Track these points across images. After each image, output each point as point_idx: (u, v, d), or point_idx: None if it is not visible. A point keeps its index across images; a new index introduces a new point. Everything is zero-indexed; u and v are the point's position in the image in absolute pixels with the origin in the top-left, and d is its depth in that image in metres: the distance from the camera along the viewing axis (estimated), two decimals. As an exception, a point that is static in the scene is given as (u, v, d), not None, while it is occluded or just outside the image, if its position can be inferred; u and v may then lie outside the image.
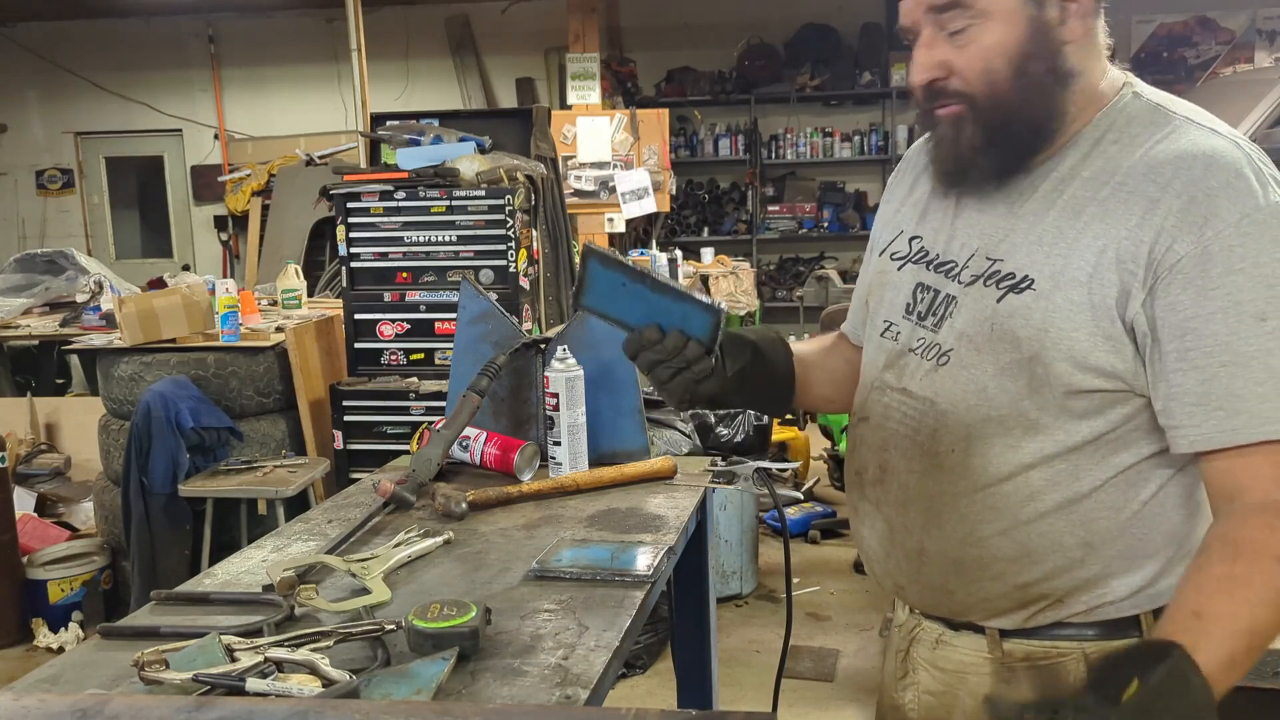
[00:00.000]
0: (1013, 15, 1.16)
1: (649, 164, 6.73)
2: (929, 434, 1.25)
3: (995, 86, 1.18)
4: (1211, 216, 1.10)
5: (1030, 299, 1.17)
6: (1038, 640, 1.25)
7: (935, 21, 1.18)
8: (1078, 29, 1.18)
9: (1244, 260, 1.08)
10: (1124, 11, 8.88)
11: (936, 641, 1.34)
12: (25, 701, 1.09)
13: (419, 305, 3.98)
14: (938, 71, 1.20)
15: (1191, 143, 1.15)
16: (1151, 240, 1.12)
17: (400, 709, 1.09)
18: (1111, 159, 1.18)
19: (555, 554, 1.62)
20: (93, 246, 9.98)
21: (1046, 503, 1.20)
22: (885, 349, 1.33)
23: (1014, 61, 1.17)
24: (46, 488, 5.15)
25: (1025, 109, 1.18)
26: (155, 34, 9.69)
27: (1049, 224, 1.19)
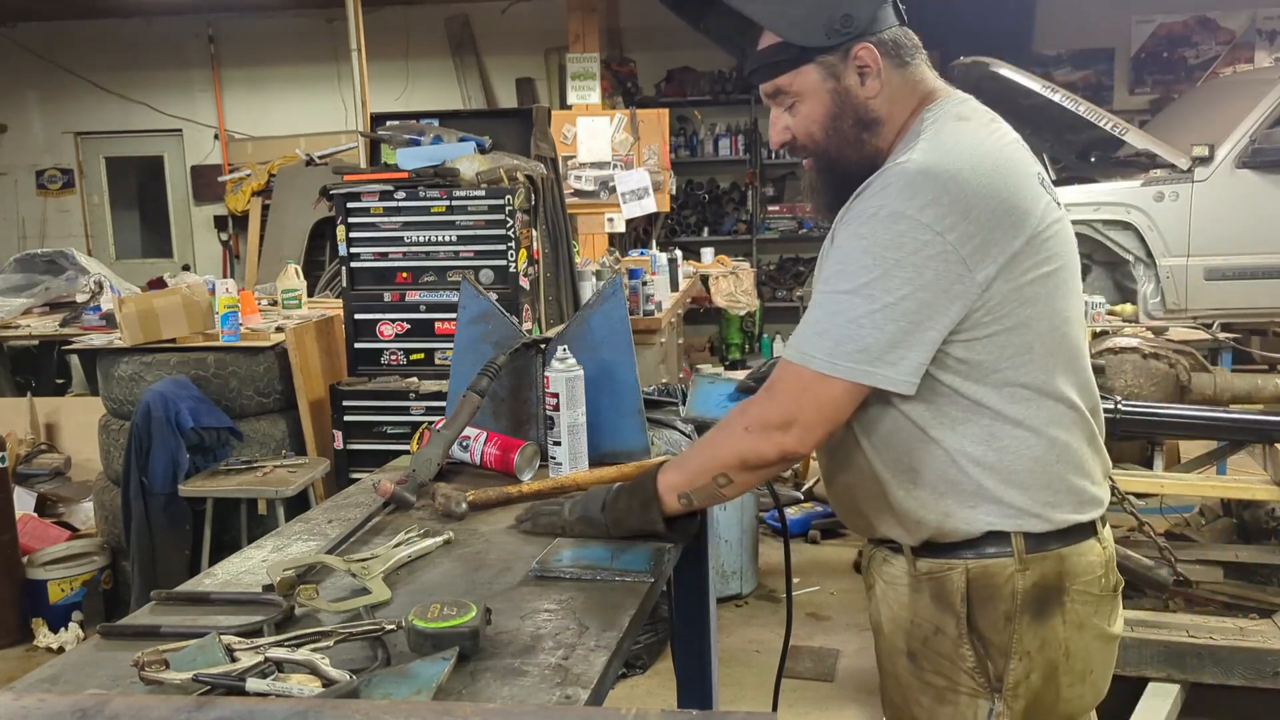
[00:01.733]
0: (817, 91, 1.51)
1: (649, 164, 6.73)
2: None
3: (818, 145, 1.55)
4: (851, 215, 1.46)
5: (814, 283, 1.55)
6: (934, 559, 1.54)
7: (774, 101, 1.56)
8: (876, 86, 1.50)
9: (844, 246, 1.45)
10: (1124, 11, 8.88)
11: (883, 560, 1.65)
12: (25, 701, 1.09)
13: (419, 305, 3.97)
14: (785, 136, 1.57)
15: (905, 156, 1.45)
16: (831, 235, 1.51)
17: (400, 709, 1.09)
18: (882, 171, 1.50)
19: (555, 554, 1.62)
20: (93, 246, 9.98)
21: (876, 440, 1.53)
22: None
23: (825, 124, 1.52)
24: (46, 488, 5.15)
25: (842, 157, 1.54)
26: (155, 34, 9.69)
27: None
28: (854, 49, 1.48)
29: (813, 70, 1.50)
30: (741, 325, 8.44)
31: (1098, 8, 8.80)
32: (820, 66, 1.49)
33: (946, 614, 1.52)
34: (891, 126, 1.52)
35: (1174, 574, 3.07)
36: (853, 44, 1.47)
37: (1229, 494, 3.45)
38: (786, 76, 1.51)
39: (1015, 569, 1.48)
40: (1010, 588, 1.48)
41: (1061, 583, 1.50)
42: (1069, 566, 1.51)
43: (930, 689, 1.55)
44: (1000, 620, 1.49)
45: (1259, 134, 6.29)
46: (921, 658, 1.55)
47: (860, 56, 1.48)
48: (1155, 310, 6.29)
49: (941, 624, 1.52)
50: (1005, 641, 1.49)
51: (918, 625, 1.56)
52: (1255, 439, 3.33)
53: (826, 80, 1.50)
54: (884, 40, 1.49)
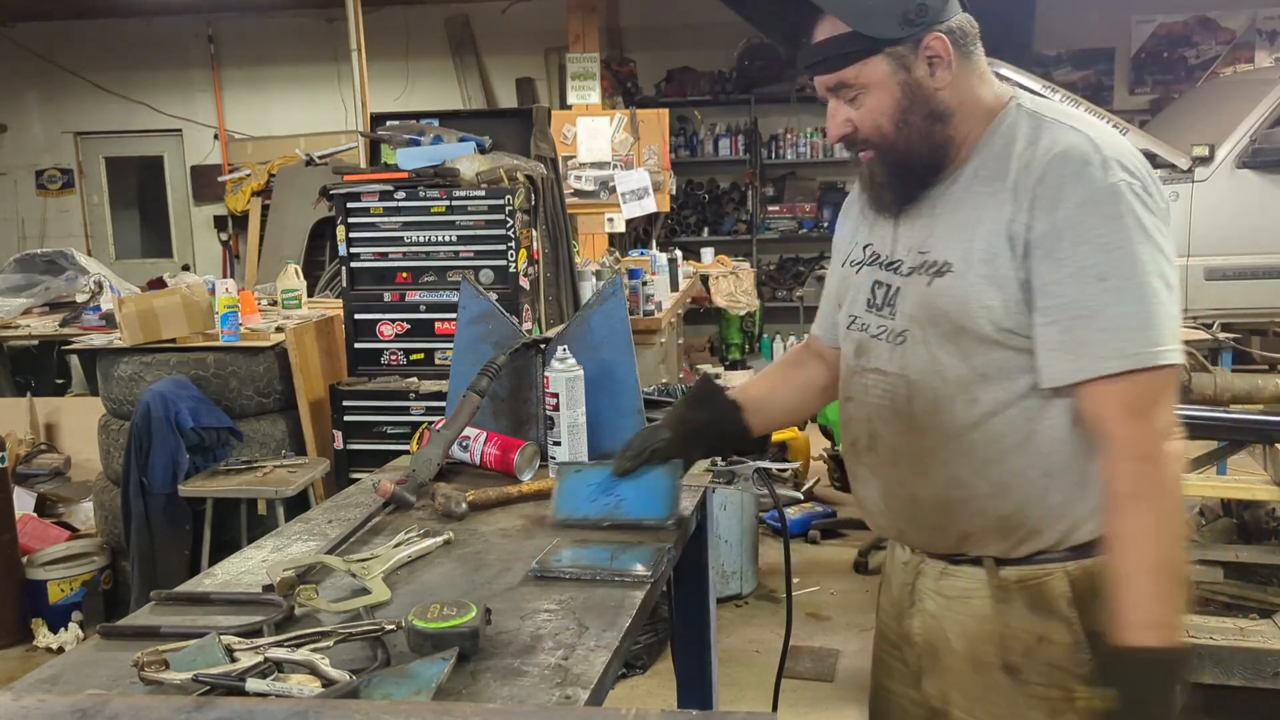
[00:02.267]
0: (886, 83, 1.44)
1: (649, 164, 6.73)
2: (904, 401, 1.50)
3: (886, 138, 1.47)
4: (1061, 201, 1.37)
5: (951, 279, 1.44)
6: (1026, 566, 1.47)
7: (834, 94, 1.48)
8: (946, 77, 1.45)
9: (1088, 233, 1.35)
10: (1124, 11, 8.87)
11: (940, 574, 1.56)
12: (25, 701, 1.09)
13: (419, 305, 3.97)
14: (845, 129, 1.49)
15: (1053, 139, 1.41)
16: (1025, 221, 1.39)
17: (400, 709, 1.09)
18: (1000, 159, 1.44)
19: (555, 554, 1.62)
20: (93, 246, 9.97)
21: (1008, 444, 1.44)
22: (854, 339, 1.59)
23: (894, 117, 1.45)
24: (46, 488, 5.15)
25: (911, 150, 1.47)
26: (155, 34, 9.69)
27: (960, 219, 1.46)
28: (925, 39, 1.42)
29: (881, 62, 1.43)
30: (741, 325, 8.44)
31: (1098, 8, 8.80)
32: (890, 58, 1.42)
33: (1053, 621, 1.45)
34: (963, 116, 1.46)
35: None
36: (924, 34, 1.42)
37: (1229, 494, 3.45)
38: (853, 69, 1.43)
39: None
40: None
41: None
42: None
43: (1043, 702, 1.47)
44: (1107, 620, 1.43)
45: (1259, 134, 6.28)
46: (1026, 671, 1.47)
47: (932, 47, 1.42)
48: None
49: (1047, 632, 1.46)
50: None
51: (1014, 637, 1.47)
52: (1255, 439, 3.32)
53: (897, 72, 1.43)
54: (952, 29, 1.44)
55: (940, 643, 1.55)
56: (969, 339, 1.42)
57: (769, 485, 2.12)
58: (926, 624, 1.57)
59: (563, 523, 1.77)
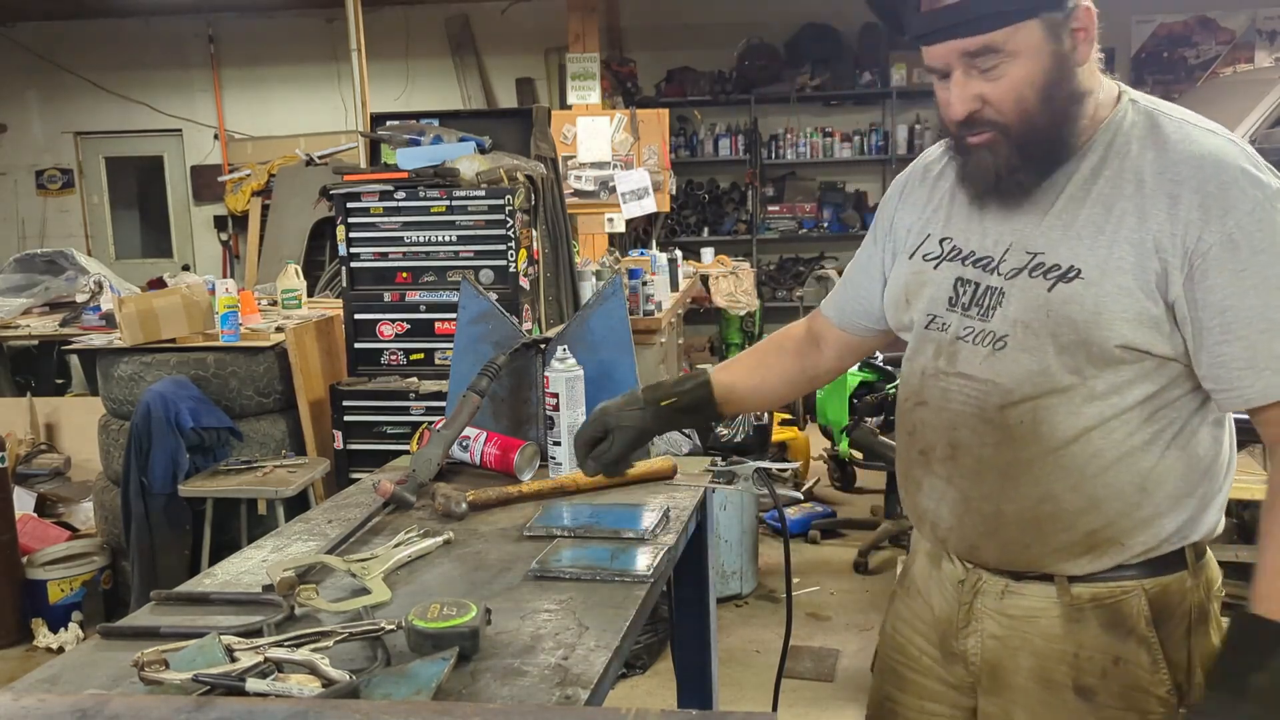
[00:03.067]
0: (1038, 51, 1.31)
1: (649, 164, 6.73)
2: (996, 410, 1.40)
3: (1027, 114, 1.33)
4: (1230, 208, 1.28)
5: (1080, 287, 1.34)
6: (1101, 582, 1.41)
7: (967, 63, 1.33)
8: (1085, 52, 1.35)
9: (1264, 241, 1.27)
10: (1124, 11, 8.87)
11: (1003, 592, 1.47)
12: (25, 701, 1.09)
13: (419, 305, 3.97)
14: (975, 104, 1.35)
15: (1197, 144, 1.33)
16: (1182, 233, 1.29)
17: (400, 709, 1.09)
18: (1129, 160, 1.35)
19: (555, 554, 1.62)
20: (93, 246, 9.97)
21: (1108, 458, 1.37)
22: (933, 339, 1.48)
23: (1041, 91, 1.32)
24: (46, 488, 5.15)
25: (1053, 130, 1.35)
26: (155, 34, 9.69)
27: (1083, 221, 1.36)
28: (1079, 8, 1.32)
29: (1037, 27, 1.30)
30: (741, 325, 8.43)
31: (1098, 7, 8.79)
32: (1045, 23, 1.30)
33: (1130, 642, 1.40)
34: (1092, 101, 1.37)
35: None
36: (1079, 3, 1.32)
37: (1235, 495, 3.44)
38: (1005, 31, 1.29)
39: (1191, 583, 1.41)
40: (1186, 603, 1.41)
41: (1211, 589, 1.45)
42: (1213, 573, 1.47)
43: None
44: (1180, 637, 1.41)
45: (1259, 134, 6.28)
46: (1101, 693, 1.41)
47: (1082, 18, 1.32)
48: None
49: (1125, 653, 1.40)
50: (1185, 658, 1.41)
51: (1089, 659, 1.41)
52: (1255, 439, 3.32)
53: (1049, 40, 1.31)
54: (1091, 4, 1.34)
55: (1004, 662, 1.48)
56: (1091, 351, 1.34)
57: (769, 485, 2.12)
58: (987, 644, 1.49)
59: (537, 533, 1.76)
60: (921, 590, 1.61)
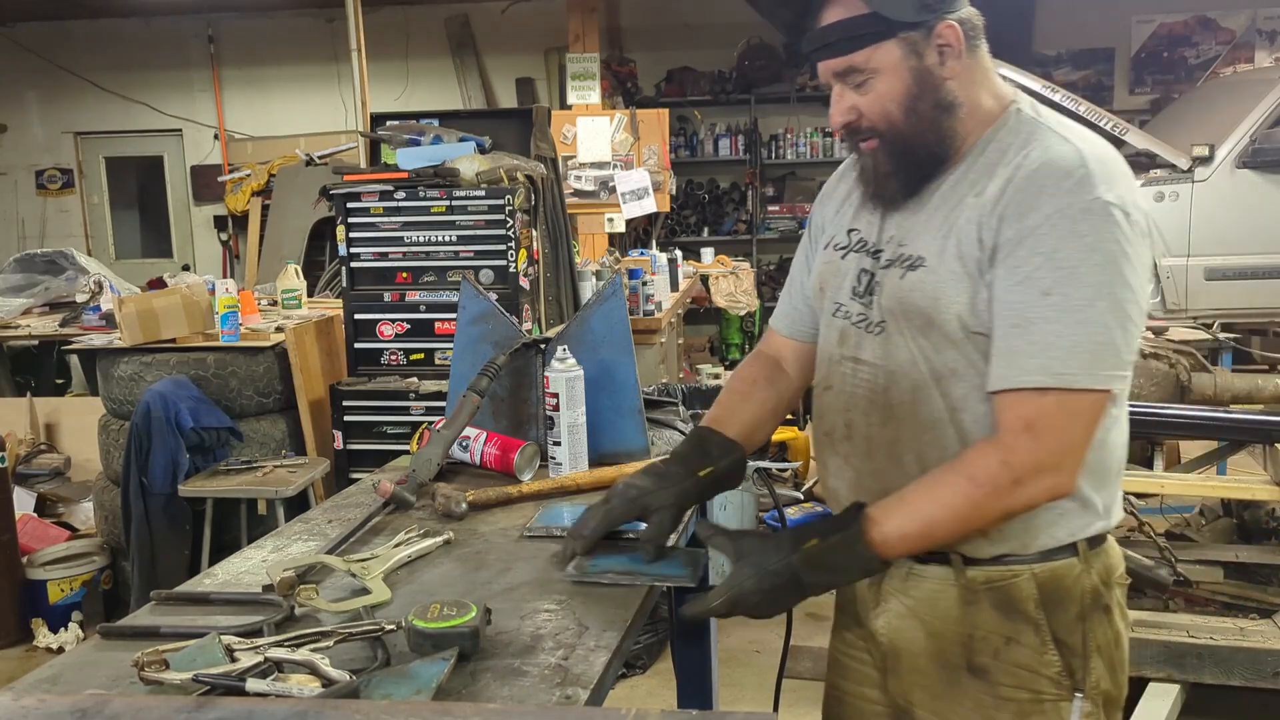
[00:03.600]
0: (898, 68, 1.42)
1: (649, 164, 6.73)
2: (882, 391, 1.50)
3: (893, 125, 1.44)
4: (1032, 210, 1.36)
5: (923, 274, 1.44)
6: (994, 567, 1.47)
7: (840, 80, 1.46)
8: (956, 67, 1.44)
9: (1045, 246, 1.34)
10: (1124, 11, 8.87)
11: (907, 574, 1.54)
12: (25, 701, 1.09)
13: (419, 305, 3.97)
14: (850, 116, 1.46)
15: (1044, 149, 1.40)
16: (995, 224, 1.39)
17: (400, 709, 1.09)
18: (989, 163, 1.44)
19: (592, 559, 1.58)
20: (93, 246, 9.98)
21: (974, 436, 1.43)
22: (838, 327, 1.58)
23: (904, 104, 1.43)
24: (46, 488, 5.15)
25: (919, 139, 1.45)
26: (155, 34, 9.69)
27: (939, 216, 1.46)
28: (939, 26, 1.41)
29: (894, 46, 1.41)
30: (741, 325, 8.44)
31: (1098, 8, 8.80)
32: (903, 43, 1.41)
33: (1020, 622, 1.46)
34: (969, 112, 1.45)
35: (1174, 574, 3.06)
36: (938, 21, 1.41)
37: (1229, 494, 3.45)
38: (864, 52, 1.41)
39: (1081, 569, 1.46)
40: (1079, 588, 1.46)
41: (1109, 577, 1.50)
42: (1112, 561, 1.51)
43: (1009, 704, 1.47)
44: (1073, 621, 1.46)
45: (1259, 134, 6.28)
46: (994, 672, 1.47)
47: (944, 35, 1.42)
48: (1155, 310, 6.29)
49: (1015, 633, 1.46)
50: (1079, 642, 1.46)
51: (982, 639, 1.48)
52: (1255, 439, 3.32)
53: (909, 57, 1.41)
54: (963, 19, 1.43)
55: (906, 643, 1.54)
56: (939, 335, 1.42)
57: (769, 485, 2.12)
58: (892, 624, 1.56)
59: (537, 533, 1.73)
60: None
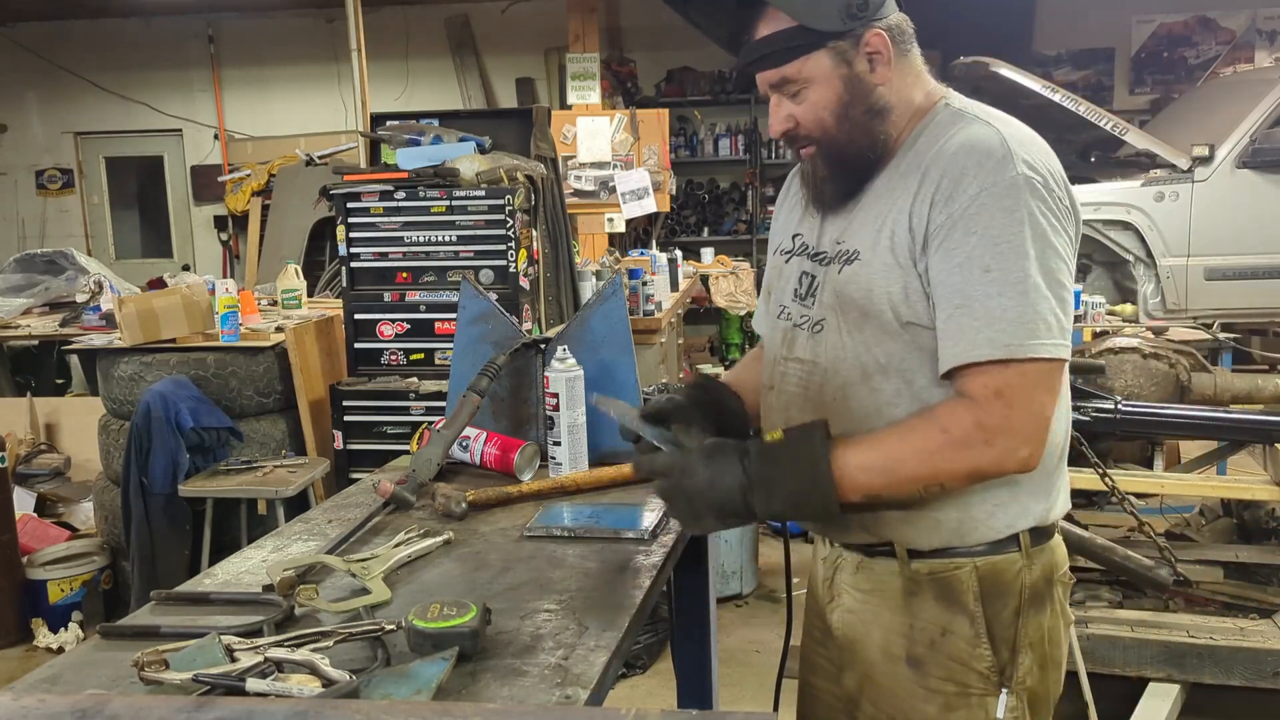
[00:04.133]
0: (829, 77, 1.46)
1: (649, 164, 6.72)
2: (816, 389, 1.53)
3: (827, 132, 1.48)
4: (959, 192, 1.39)
5: (858, 267, 1.48)
6: (937, 559, 1.49)
7: (776, 90, 1.49)
8: (886, 73, 1.47)
9: (977, 224, 1.37)
10: (1124, 11, 8.87)
11: (857, 567, 1.58)
12: (25, 701, 1.09)
13: (419, 305, 3.97)
14: (788, 124, 1.50)
15: (966, 133, 1.43)
16: (925, 211, 1.41)
17: (400, 709, 1.09)
18: (919, 154, 1.46)
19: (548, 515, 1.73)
20: (93, 246, 9.98)
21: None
22: (780, 328, 1.61)
23: (836, 111, 1.47)
24: (46, 488, 5.15)
25: (853, 145, 1.48)
26: (155, 34, 9.69)
27: (874, 211, 1.48)
28: (866, 35, 1.45)
29: (824, 56, 1.45)
30: (741, 325, 8.43)
31: (1098, 8, 8.80)
32: (832, 52, 1.44)
33: (957, 614, 1.48)
34: (901, 113, 1.49)
35: (1174, 574, 3.06)
36: (865, 30, 1.44)
37: (1229, 494, 3.45)
38: (795, 64, 1.45)
39: (1023, 564, 1.48)
40: (1019, 583, 1.48)
41: (1051, 574, 1.52)
42: (1056, 558, 1.54)
43: (938, 696, 1.49)
44: (1009, 616, 1.48)
45: (1259, 134, 6.28)
46: (928, 663, 1.49)
47: (872, 43, 1.45)
48: (1155, 310, 6.29)
49: (951, 625, 1.48)
50: (1012, 636, 1.48)
51: (920, 630, 1.50)
52: (1255, 439, 3.32)
53: (839, 66, 1.45)
54: (891, 26, 1.47)
55: (857, 636, 1.57)
56: (873, 327, 1.45)
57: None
58: (845, 619, 1.59)
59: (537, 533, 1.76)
60: (813, 573, 1.72)
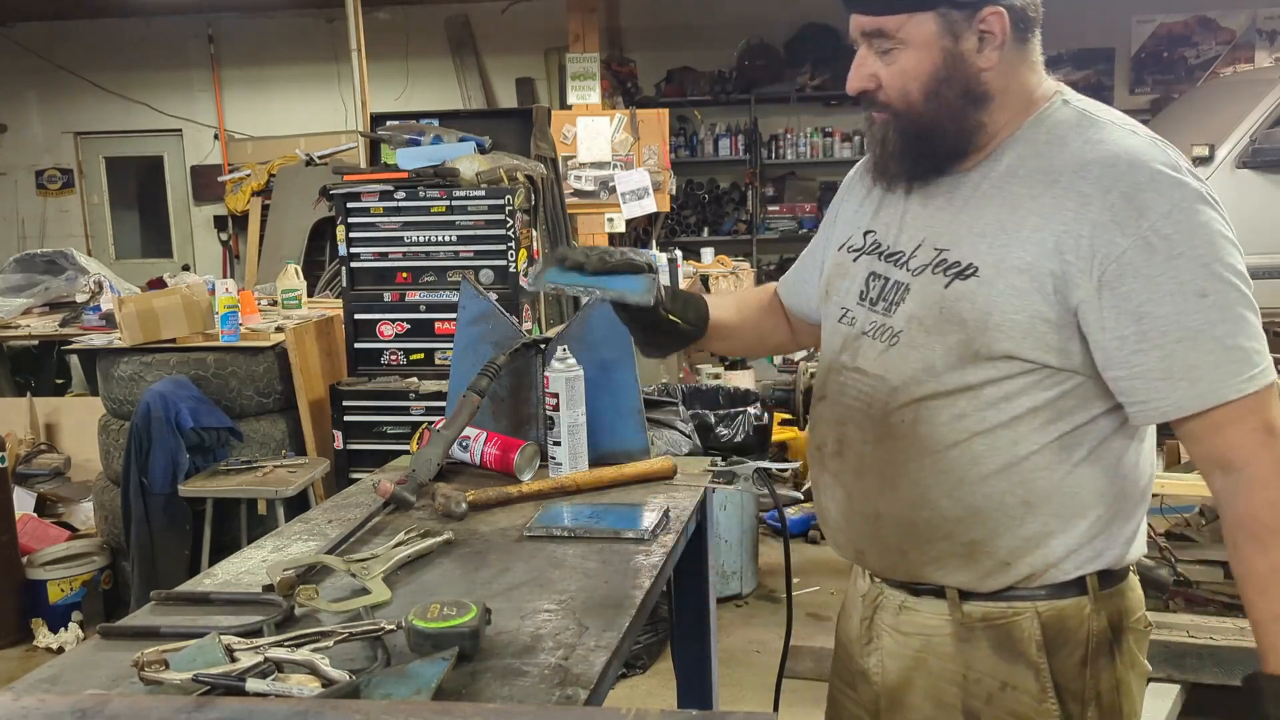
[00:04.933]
0: (929, 45, 1.30)
1: (649, 164, 6.72)
2: (881, 407, 1.38)
3: (910, 105, 1.33)
4: (1145, 211, 1.23)
5: (975, 285, 1.31)
6: (993, 602, 1.36)
7: (867, 41, 1.34)
8: (994, 57, 1.31)
9: (1181, 245, 1.22)
10: (1124, 11, 8.87)
11: (900, 608, 1.44)
12: (25, 701, 1.09)
13: (419, 305, 3.97)
14: (868, 83, 1.35)
15: (1115, 143, 1.29)
16: (1090, 234, 1.25)
17: (400, 709, 1.09)
18: (1045, 159, 1.31)
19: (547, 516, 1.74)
20: (93, 246, 9.97)
21: (989, 466, 1.32)
22: (841, 333, 1.46)
23: (926, 85, 1.31)
24: (46, 488, 5.14)
25: (936, 127, 1.33)
26: (155, 34, 9.69)
27: (989, 218, 1.32)
28: (984, 10, 1.29)
29: (931, 20, 1.29)
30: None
31: (1098, 8, 8.80)
32: (941, 19, 1.29)
33: (1019, 666, 1.35)
34: (1005, 105, 1.33)
35: (1174, 574, 3.06)
36: (985, 5, 1.29)
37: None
38: (897, 18, 1.29)
39: (1090, 610, 1.36)
40: (1085, 630, 1.35)
41: (1122, 621, 1.39)
42: (1128, 604, 1.41)
43: None
44: (1075, 666, 1.36)
45: (1259, 134, 6.28)
46: (985, 718, 1.37)
47: (988, 20, 1.29)
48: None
49: (1011, 678, 1.35)
50: (1080, 689, 1.35)
51: (976, 681, 1.37)
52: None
53: (943, 37, 1.29)
54: (1014, 6, 1.30)
55: (900, 682, 1.44)
56: (977, 352, 1.30)
57: (769, 485, 2.12)
58: (885, 663, 1.47)
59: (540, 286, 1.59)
60: (848, 608, 1.60)
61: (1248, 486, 1.23)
